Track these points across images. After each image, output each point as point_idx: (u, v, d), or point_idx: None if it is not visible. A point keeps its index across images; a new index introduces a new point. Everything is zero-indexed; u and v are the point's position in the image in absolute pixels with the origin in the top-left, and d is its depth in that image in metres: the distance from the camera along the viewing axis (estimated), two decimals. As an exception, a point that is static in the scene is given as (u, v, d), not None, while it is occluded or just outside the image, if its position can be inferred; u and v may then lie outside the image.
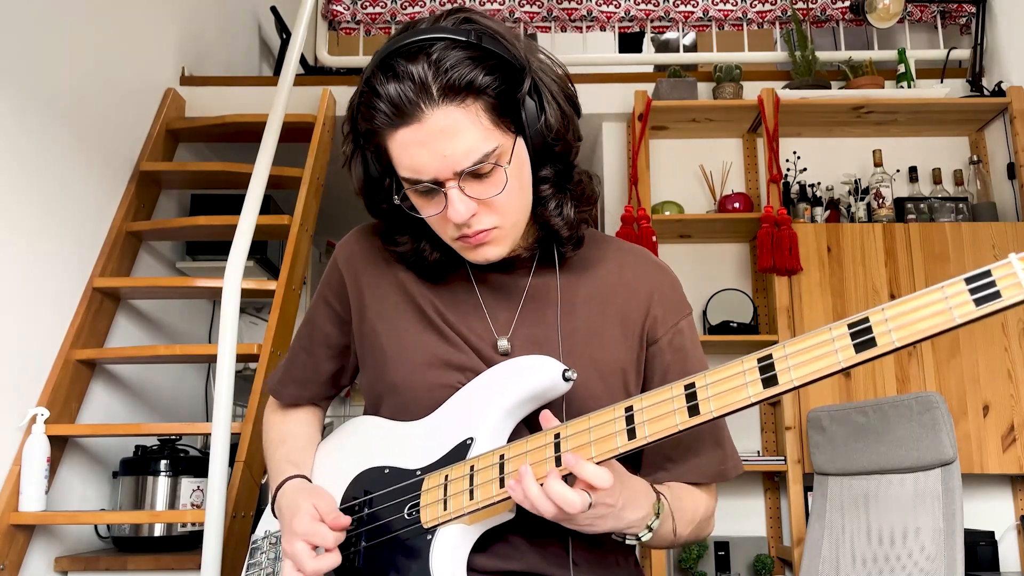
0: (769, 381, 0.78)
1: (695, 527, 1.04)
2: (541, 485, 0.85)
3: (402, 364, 1.05)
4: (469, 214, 0.93)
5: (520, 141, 0.95)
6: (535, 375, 0.95)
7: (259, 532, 1.16)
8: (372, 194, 1.02)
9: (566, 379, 0.94)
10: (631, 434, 0.84)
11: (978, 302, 0.69)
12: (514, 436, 0.98)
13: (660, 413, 0.83)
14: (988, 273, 0.69)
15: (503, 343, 1.03)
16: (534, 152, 0.97)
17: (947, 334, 2.56)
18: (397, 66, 0.89)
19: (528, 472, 0.85)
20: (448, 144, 0.89)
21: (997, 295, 0.68)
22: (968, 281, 0.70)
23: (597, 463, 0.85)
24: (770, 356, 0.78)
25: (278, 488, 1.09)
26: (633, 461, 1.10)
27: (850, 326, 0.75)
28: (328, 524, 0.97)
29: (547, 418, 0.91)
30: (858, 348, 0.74)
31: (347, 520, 0.98)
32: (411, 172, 0.92)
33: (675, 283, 1.11)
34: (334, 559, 0.97)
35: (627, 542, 0.94)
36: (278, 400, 1.25)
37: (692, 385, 0.82)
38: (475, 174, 0.92)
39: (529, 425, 0.99)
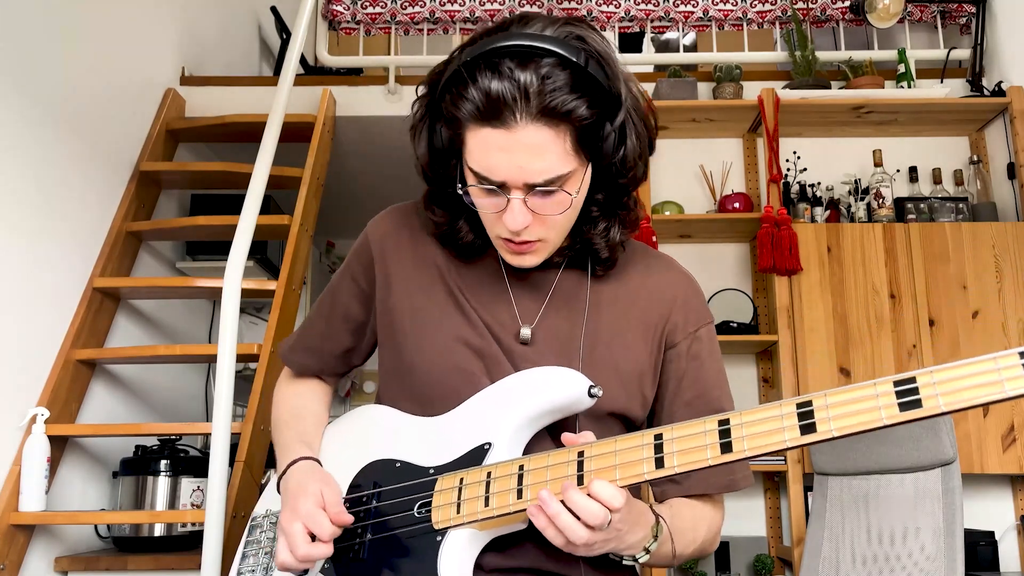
0: (807, 428, 0.77)
1: (697, 546, 1.04)
2: (561, 501, 0.84)
3: (421, 344, 1.05)
4: (524, 225, 0.94)
5: (589, 167, 0.96)
6: (560, 389, 0.95)
7: (259, 509, 1.16)
8: (435, 166, 1.01)
9: (591, 395, 0.94)
10: (659, 463, 0.84)
11: None
12: (531, 446, 0.98)
13: (691, 446, 0.83)
14: None
15: (525, 331, 1.03)
16: (597, 176, 0.98)
17: (947, 333, 2.56)
18: (503, 64, 0.88)
19: (550, 495, 0.85)
20: (528, 159, 0.89)
21: None
22: (1022, 355, 0.69)
23: (621, 487, 0.85)
24: (810, 403, 0.78)
25: (289, 465, 1.08)
26: None
27: (895, 384, 0.74)
28: (330, 516, 0.97)
29: (569, 440, 0.91)
30: (903, 407, 0.73)
31: (349, 518, 0.98)
32: (482, 170, 0.92)
33: (698, 291, 1.12)
34: (326, 550, 0.97)
35: (624, 562, 0.94)
36: (287, 365, 1.25)
37: (727, 422, 0.82)
38: (542, 191, 0.92)
39: (547, 432, 1.00)
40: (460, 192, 0.97)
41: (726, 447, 0.81)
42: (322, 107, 3.14)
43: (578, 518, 0.83)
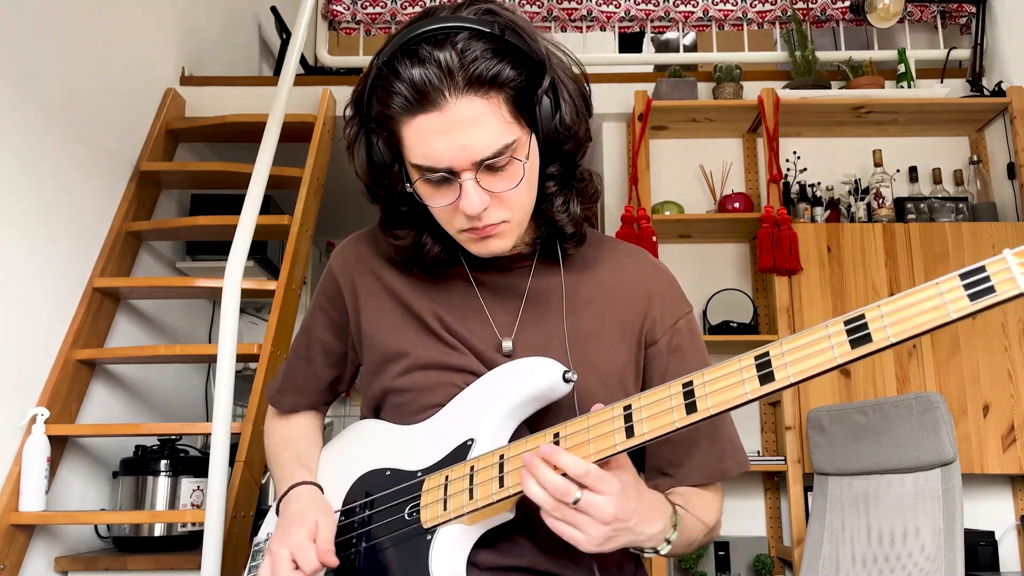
0: (766, 378, 0.78)
1: (708, 533, 1.04)
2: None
3: (401, 369, 1.05)
4: (483, 206, 0.92)
5: (533, 137, 0.95)
6: (535, 377, 0.95)
7: (261, 535, 1.16)
8: (376, 180, 1.00)
9: (566, 380, 0.94)
10: (629, 432, 0.84)
11: (972, 297, 0.69)
12: (515, 437, 0.98)
13: (658, 411, 0.83)
14: (982, 268, 0.69)
15: (507, 344, 1.02)
16: (543, 149, 0.97)
17: (947, 333, 2.56)
18: (421, 50, 0.88)
19: (534, 460, 0.85)
20: (468, 135, 0.89)
21: (991, 290, 0.68)
22: (963, 276, 0.70)
23: (596, 460, 0.85)
24: (767, 353, 0.78)
25: (291, 487, 1.08)
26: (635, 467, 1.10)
27: (846, 323, 0.75)
28: (317, 552, 0.97)
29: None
30: (854, 344, 0.74)
31: (334, 561, 0.98)
32: (426, 160, 0.91)
33: (672, 283, 1.11)
34: None
35: (645, 554, 0.93)
36: (277, 408, 1.26)
37: (690, 383, 0.82)
38: (491, 167, 0.91)
39: (530, 426, 0.99)
40: (410, 190, 0.96)
41: (691, 407, 0.81)
42: (322, 107, 3.14)
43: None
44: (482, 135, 0.89)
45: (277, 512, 1.09)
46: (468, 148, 0.89)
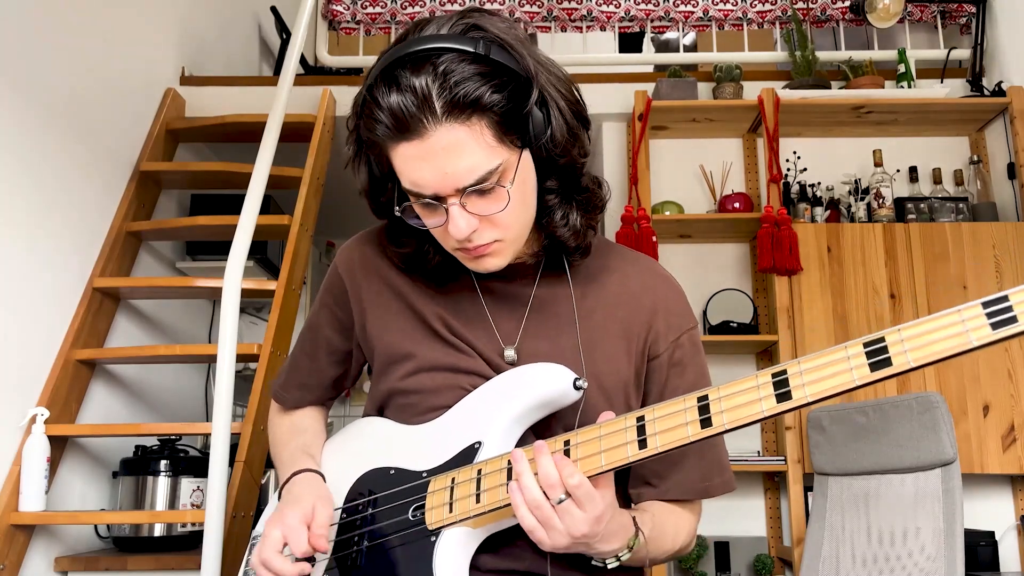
0: (783, 396, 0.78)
1: (674, 552, 1.04)
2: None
3: (408, 370, 1.05)
4: (470, 230, 0.91)
5: (526, 153, 0.93)
6: (546, 383, 0.95)
7: (259, 528, 1.17)
8: (376, 196, 1.01)
9: (576, 388, 0.94)
10: (642, 444, 0.84)
11: (995, 326, 0.70)
12: (522, 442, 0.98)
13: (672, 425, 0.83)
14: (1005, 298, 0.70)
15: (510, 352, 1.02)
16: (539, 163, 0.96)
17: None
18: (400, 77, 0.86)
19: (521, 454, 0.87)
20: (450, 162, 0.87)
21: (1014, 320, 0.69)
22: (985, 305, 0.71)
23: (598, 474, 0.85)
24: (784, 371, 0.78)
25: (294, 474, 1.08)
26: (621, 475, 1.09)
27: (865, 345, 0.75)
28: (310, 536, 0.96)
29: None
30: (873, 367, 0.74)
31: (325, 546, 0.97)
32: (412, 185, 0.91)
33: (680, 296, 1.10)
34: (289, 570, 0.95)
35: (592, 563, 0.94)
36: (281, 405, 1.26)
37: (705, 397, 0.82)
38: (477, 191, 0.90)
39: (537, 432, 0.99)
40: (398, 213, 0.95)
41: (706, 422, 0.81)
42: (322, 107, 3.14)
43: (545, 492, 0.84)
44: (464, 162, 0.87)
45: (279, 496, 1.09)
46: (450, 176, 0.88)
